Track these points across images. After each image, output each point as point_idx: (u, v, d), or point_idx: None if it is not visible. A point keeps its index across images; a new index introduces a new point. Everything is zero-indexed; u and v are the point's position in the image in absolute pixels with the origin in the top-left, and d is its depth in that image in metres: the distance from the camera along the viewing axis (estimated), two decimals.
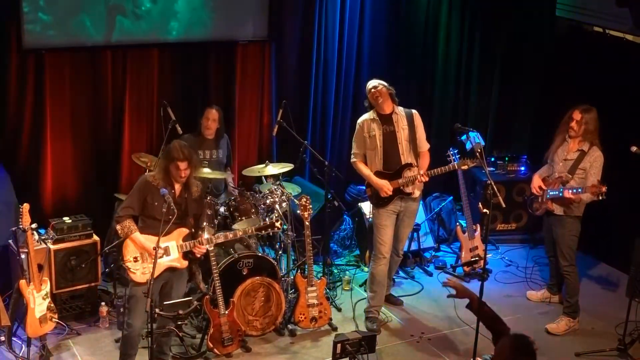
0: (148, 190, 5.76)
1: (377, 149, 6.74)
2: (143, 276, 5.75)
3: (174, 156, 5.70)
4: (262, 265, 6.71)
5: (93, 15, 7.34)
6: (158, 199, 5.73)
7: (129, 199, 5.83)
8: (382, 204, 6.78)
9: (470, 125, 8.11)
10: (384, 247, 6.84)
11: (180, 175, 5.74)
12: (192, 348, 6.48)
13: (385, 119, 6.76)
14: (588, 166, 6.73)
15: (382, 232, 6.82)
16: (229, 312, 6.35)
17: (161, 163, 5.84)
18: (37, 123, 7.39)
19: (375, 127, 6.74)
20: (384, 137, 6.73)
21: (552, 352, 6.75)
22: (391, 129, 6.75)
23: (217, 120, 7.42)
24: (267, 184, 7.39)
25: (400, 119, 6.77)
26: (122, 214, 5.78)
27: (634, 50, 8.14)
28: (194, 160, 5.84)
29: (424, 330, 6.99)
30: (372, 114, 6.78)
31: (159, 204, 5.72)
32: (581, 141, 6.80)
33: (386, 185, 6.69)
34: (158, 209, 5.71)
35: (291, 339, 6.78)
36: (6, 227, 6.56)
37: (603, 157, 6.74)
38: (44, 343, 6.29)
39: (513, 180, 8.72)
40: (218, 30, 7.95)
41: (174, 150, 5.73)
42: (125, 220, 5.76)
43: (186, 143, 7.25)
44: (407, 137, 6.77)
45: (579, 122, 6.76)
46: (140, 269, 5.76)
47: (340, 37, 8.55)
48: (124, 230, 5.76)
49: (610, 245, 8.12)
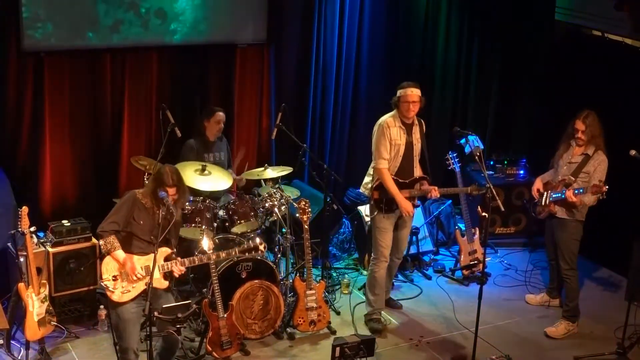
0: (135, 208, 5.71)
1: (398, 158, 6.69)
2: (122, 295, 5.62)
3: (164, 181, 5.63)
4: (261, 269, 6.71)
5: (92, 18, 7.34)
6: (144, 218, 5.68)
7: (115, 214, 5.71)
8: (387, 210, 6.76)
9: (469, 129, 8.11)
10: (385, 250, 6.84)
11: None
12: (191, 351, 6.48)
13: (408, 128, 6.72)
14: (592, 170, 6.73)
15: (383, 235, 6.82)
16: (228, 315, 6.35)
17: (151, 185, 5.75)
18: (36, 126, 7.38)
19: (402, 135, 6.67)
20: (406, 147, 6.70)
21: (551, 356, 6.76)
22: (410, 140, 6.72)
23: (224, 122, 7.46)
24: (266, 187, 7.40)
25: (417, 130, 6.74)
26: (107, 228, 5.66)
27: (632, 53, 8.14)
28: (183, 186, 5.79)
29: (422, 334, 6.99)
30: (397, 121, 6.67)
31: (144, 223, 5.68)
32: (587, 145, 6.80)
33: (410, 206, 6.65)
34: (142, 229, 5.67)
35: (290, 343, 6.78)
36: (5, 230, 6.56)
37: (607, 161, 6.75)
38: (42, 346, 6.28)
39: (512, 183, 8.72)
40: (217, 34, 7.95)
41: (165, 175, 5.65)
42: (109, 236, 5.63)
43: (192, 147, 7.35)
44: (419, 151, 6.75)
45: (584, 132, 6.76)
46: (119, 288, 5.62)
47: (339, 41, 8.56)
48: (107, 246, 5.62)
49: (609, 249, 8.12)
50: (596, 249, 8.06)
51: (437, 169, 8.48)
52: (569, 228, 6.88)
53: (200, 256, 5.91)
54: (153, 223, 5.68)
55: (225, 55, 8.11)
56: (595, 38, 8.60)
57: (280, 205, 7.06)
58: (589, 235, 7.01)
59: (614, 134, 6.98)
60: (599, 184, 6.60)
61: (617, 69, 8.20)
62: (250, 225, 7.13)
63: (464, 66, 9.21)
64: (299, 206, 6.73)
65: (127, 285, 5.65)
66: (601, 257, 8.28)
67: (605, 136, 6.83)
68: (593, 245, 7.64)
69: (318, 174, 7.58)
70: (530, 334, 7.06)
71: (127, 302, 5.64)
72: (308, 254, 6.71)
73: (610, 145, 6.87)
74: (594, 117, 6.76)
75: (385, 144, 6.63)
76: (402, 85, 6.69)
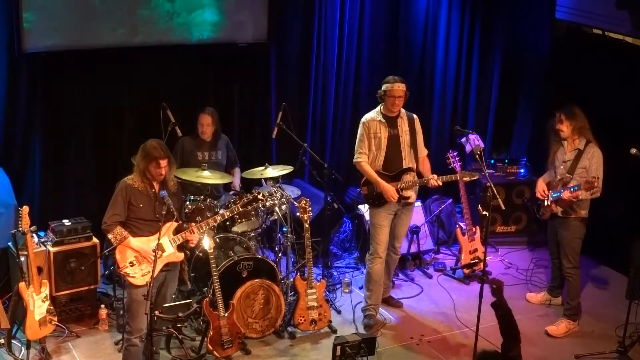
0: (130, 194, 5.78)
1: (381, 150, 6.75)
2: (143, 278, 5.74)
3: (155, 155, 5.72)
4: (261, 268, 6.71)
5: (92, 18, 7.34)
6: (142, 200, 5.76)
7: (113, 207, 5.80)
8: (377, 204, 6.80)
9: (469, 127, 8.10)
10: (380, 246, 6.86)
11: (161, 173, 5.75)
12: (192, 350, 6.48)
13: (392, 121, 6.77)
14: (587, 164, 6.74)
15: (378, 231, 6.84)
16: (229, 314, 6.35)
17: (140, 164, 5.81)
18: (37, 125, 7.39)
19: (382, 128, 6.74)
20: (389, 140, 6.74)
21: (552, 355, 6.75)
22: (395, 132, 6.76)
23: (212, 123, 7.42)
24: (267, 187, 7.40)
25: (403, 123, 6.78)
26: (110, 222, 5.76)
27: (633, 52, 8.14)
28: (171, 157, 5.88)
29: (423, 333, 6.99)
30: (379, 115, 6.77)
31: (144, 206, 5.76)
32: (576, 139, 6.80)
33: (392, 190, 6.68)
34: (144, 211, 5.76)
35: (291, 342, 6.78)
36: (6, 229, 6.56)
37: (601, 152, 6.74)
38: (43, 345, 6.28)
39: (513, 182, 8.72)
40: (218, 33, 7.95)
41: (153, 149, 5.74)
42: (115, 228, 5.75)
43: (181, 147, 7.36)
44: (408, 142, 6.79)
45: (563, 122, 6.77)
46: (139, 272, 5.75)
47: (340, 40, 8.56)
48: (117, 237, 5.74)
49: (610, 247, 8.12)
50: (597, 247, 8.06)
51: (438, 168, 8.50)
52: (572, 227, 6.88)
53: (211, 218, 6.05)
54: (152, 202, 5.78)
55: (226, 54, 8.11)
56: (596, 36, 8.60)
57: (281, 204, 7.06)
58: (590, 233, 7.01)
59: (614, 132, 6.98)
60: (592, 180, 6.59)
61: (617, 67, 8.19)
62: (250, 224, 7.13)
63: (465, 64, 9.20)
64: (300, 205, 6.73)
65: (146, 267, 5.74)
66: (602, 255, 8.28)
67: (604, 135, 6.82)
68: (594, 243, 7.63)
69: (319, 173, 7.58)
70: (532, 332, 7.05)
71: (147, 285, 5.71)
72: (309, 253, 6.71)
73: (610, 144, 6.87)
74: (575, 109, 6.76)
75: (363, 139, 6.77)
76: (387, 80, 6.73)
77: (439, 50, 9.06)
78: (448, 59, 9.11)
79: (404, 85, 6.71)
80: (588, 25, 8.67)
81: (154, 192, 5.80)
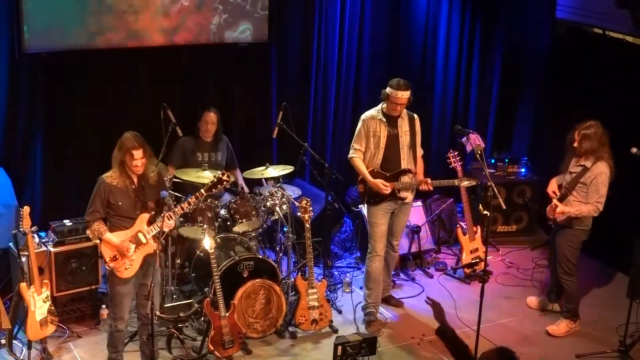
0: (109, 191, 5.78)
1: (379, 149, 6.75)
2: (128, 271, 5.80)
3: (128, 146, 5.71)
4: (262, 268, 6.72)
5: (93, 18, 7.34)
6: (121, 197, 5.77)
7: (93, 204, 5.81)
8: (373, 202, 6.81)
9: (470, 127, 8.10)
10: (378, 245, 6.88)
11: (136, 164, 5.73)
12: (193, 350, 6.48)
13: (392, 121, 6.76)
14: (589, 182, 6.70)
15: (376, 229, 6.86)
16: (230, 314, 6.35)
17: (116, 157, 5.81)
18: (38, 125, 7.39)
19: (381, 127, 6.74)
20: (388, 139, 6.74)
21: (553, 354, 6.75)
22: (395, 132, 6.77)
23: (216, 122, 7.44)
24: (268, 186, 7.40)
25: (404, 123, 6.79)
26: (90, 218, 5.82)
27: (634, 51, 8.13)
28: (148, 149, 5.84)
29: (424, 332, 6.98)
30: (379, 114, 6.78)
31: (123, 203, 5.77)
32: (585, 158, 6.77)
33: (380, 181, 6.69)
34: (123, 208, 5.78)
35: (292, 342, 6.78)
36: (7, 229, 6.56)
37: (608, 172, 6.66)
38: (44, 346, 6.29)
39: (513, 181, 8.72)
40: (219, 33, 7.95)
41: (127, 140, 5.74)
42: (93, 224, 5.79)
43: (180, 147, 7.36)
44: (408, 143, 6.79)
45: (579, 142, 6.72)
46: (123, 266, 5.80)
47: (340, 40, 8.56)
48: (94, 233, 5.82)
49: (610, 246, 8.11)
50: (598, 247, 8.05)
51: (438, 168, 8.49)
52: (567, 235, 6.87)
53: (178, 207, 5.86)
54: (132, 198, 5.79)
55: (227, 54, 8.11)
56: (596, 36, 8.59)
57: (281, 204, 7.07)
58: (591, 233, 7.00)
59: (615, 133, 6.97)
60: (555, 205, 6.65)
61: (618, 66, 8.18)
62: (251, 224, 7.13)
63: (465, 64, 9.20)
64: (301, 205, 6.73)
65: (127, 261, 5.79)
66: (603, 255, 8.27)
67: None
68: (594, 243, 7.62)
69: (319, 173, 7.58)
70: (532, 332, 7.06)
71: (131, 277, 5.80)
72: (310, 253, 6.71)
73: (611, 144, 6.85)
74: (594, 129, 6.66)
75: (360, 136, 6.80)
76: (393, 84, 6.70)
77: (439, 49, 9.06)
78: (448, 58, 9.11)
79: (409, 93, 6.67)
80: (588, 25, 8.66)
81: (134, 187, 5.79)
